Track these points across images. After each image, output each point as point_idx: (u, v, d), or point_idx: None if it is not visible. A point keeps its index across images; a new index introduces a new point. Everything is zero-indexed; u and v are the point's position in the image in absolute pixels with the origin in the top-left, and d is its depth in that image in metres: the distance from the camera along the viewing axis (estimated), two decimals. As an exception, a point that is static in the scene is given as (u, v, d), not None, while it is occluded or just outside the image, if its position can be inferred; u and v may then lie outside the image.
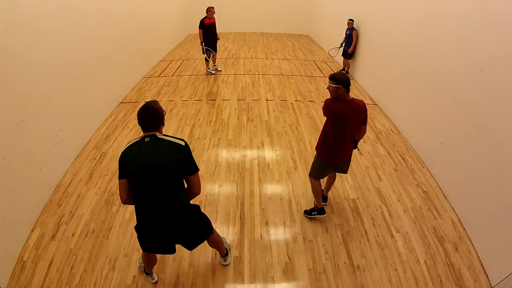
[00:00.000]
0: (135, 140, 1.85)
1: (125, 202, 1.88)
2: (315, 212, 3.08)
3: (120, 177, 1.82)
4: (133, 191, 1.85)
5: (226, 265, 2.60)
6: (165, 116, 1.93)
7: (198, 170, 1.93)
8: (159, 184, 1.79)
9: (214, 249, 2.69)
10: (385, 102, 5.50)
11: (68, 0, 3.83)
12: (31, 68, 3.08)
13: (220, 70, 7.45)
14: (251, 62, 8.37)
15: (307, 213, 3.14)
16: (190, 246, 2.17)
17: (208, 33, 6.68)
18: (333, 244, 2.84)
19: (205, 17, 6.57)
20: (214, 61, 7.36)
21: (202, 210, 2.21)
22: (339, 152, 2.70)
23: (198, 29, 6.64)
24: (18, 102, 2.87)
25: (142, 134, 1.87)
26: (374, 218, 3.13)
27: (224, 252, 2.57)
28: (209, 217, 2.28)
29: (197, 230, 2.12)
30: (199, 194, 2.01)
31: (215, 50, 7.04)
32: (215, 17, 6.72)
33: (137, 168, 1.76)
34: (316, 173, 2.90)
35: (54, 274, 2.52)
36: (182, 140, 1.88)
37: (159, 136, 1.83)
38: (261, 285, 2.48)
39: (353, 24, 6.60)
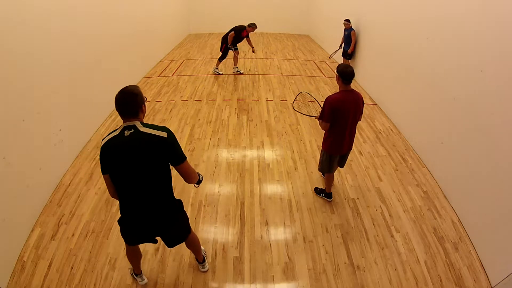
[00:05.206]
0: (115, 134, 1.70)
1: (113, 196, 1.84)
2: (323, 195, 3.36)
3: (103, 172, 1.75)
4: (116, 185, 1.80)
5: (205, 272, 2.54)
6: (145, 103, 1.77)
7: (184, 159, 1.80)
8: (141, 179, 1.74)
9: (216, 248, 2.70)
10: (385, 102, 5.50)
11: (68, 0, 3.83)
12: (31, 68, 3.08)
13: (242, 72, 7.43)
14: (251, 62, 8.37)
15: (317, 191, 3.43)
16: (170, 243, 2.13)
17: (236, 38, 6.78)
18: (333, 244, 2.84)
19: (245, 28, 6.71)
20: (235, 63, 7.35)
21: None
22: (343, 143, 2.88)
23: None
24: (18, 102, 2.87)
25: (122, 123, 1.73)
26: (374, 218, 3.13)
27: (201, 258, 2.51)
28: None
29: (178, 225, 2.08)
30: (192, 183, 1.93)
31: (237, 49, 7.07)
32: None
33: (117, 165, 1.70)
34: (326, 167, 3.12)
35: (54, 274, 2.52)
36: (165, 130, 1.72)
37: (140, 129, 1.68)
38: (261, 285, 2.48)
39: (350, 24, 6.53)
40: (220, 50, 7.02)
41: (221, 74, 7.30)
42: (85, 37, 4.23)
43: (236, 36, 6.74)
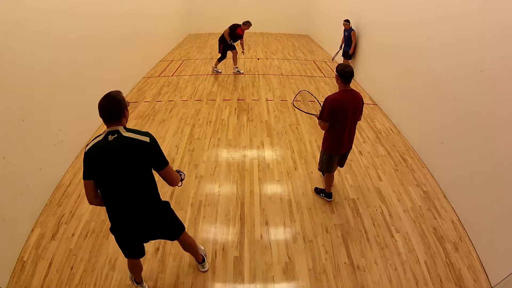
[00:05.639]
0: (98, 139, 1.72)
1: (92, 202, 1.82)
2: (323, 194, 3.36)
3: (84, 177, 1.74)
4: (101, 192, 1.80)
5: (205, 272, 2.56)
6: (128, 108, 1.79)
7: (167, 164, 1.82)
8: (126, 184, 1.75)
9: (216, 248, 2.69)
10: (385, 102, 5.50)
11: (68, 0, 3.83)
12: (31, 68, 3.08)
13: (242, 72, 7.42)
14: (251, 62, 8.37)
15: (317, 191, 3.43)
16: (170, 238, 2.21)
17: (231, 36, 6.77)
18: (333, 244, 2.84)
19: (240, 26, 6.69)
20: (235, 63, 7.35)
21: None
22: (343, 143, 2.89)
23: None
24: (18, 102, 2.87)
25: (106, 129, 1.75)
26: (374, 218, 3.13)
27: (200, 259, 2.52)
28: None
29: (171, 223, 2.12)
30: (175, 185, 1.96)
31: (234, 48, 7.07)
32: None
33: (103, 170, 1.71)
34: (325, 167, 3.12)
35: (54, 274, 2.52)
36: (147, 135, 1.75)
37: (123, 134, 1.71)
38: (261, 285, 2.48)
39: (349, 25, 6.50)
40: (219, 52, 7.02)
41: (220, 72, 7.30)
42: (85, 37, 4.23)
43: (231, 33, 6.73)
